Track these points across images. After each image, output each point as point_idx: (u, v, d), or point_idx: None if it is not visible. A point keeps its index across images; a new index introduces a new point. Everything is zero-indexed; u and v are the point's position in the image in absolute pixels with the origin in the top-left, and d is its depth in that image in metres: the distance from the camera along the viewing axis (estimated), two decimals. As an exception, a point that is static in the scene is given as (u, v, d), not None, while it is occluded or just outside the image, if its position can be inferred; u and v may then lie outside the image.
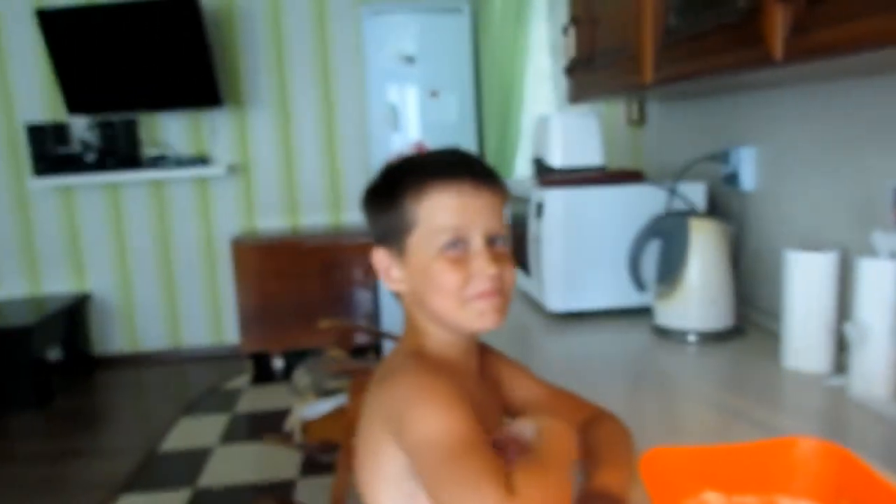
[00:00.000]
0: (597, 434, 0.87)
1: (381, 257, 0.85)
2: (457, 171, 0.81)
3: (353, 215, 4.47)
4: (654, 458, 0.76)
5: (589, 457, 0.82)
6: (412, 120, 3.78)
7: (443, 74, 3.76)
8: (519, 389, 0.93)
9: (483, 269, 0.79)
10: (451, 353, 0.85)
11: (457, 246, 0.80)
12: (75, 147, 4.21)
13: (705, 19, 1.14)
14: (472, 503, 0.65)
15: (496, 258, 0.81)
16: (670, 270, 1.50)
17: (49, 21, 3.88)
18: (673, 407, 1.21)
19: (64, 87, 4.03)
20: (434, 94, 3.74)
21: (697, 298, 1.47)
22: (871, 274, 1.11)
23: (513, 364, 0.96)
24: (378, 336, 3.74)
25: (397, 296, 0.87)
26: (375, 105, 3.81)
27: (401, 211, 0.81)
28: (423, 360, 0.81)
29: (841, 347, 1.23)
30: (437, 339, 0.84)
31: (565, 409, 0.93)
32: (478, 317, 0.81)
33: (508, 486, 0.66)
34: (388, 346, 3.84)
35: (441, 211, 0.80)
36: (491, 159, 3.59)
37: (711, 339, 1.47)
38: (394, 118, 3.77)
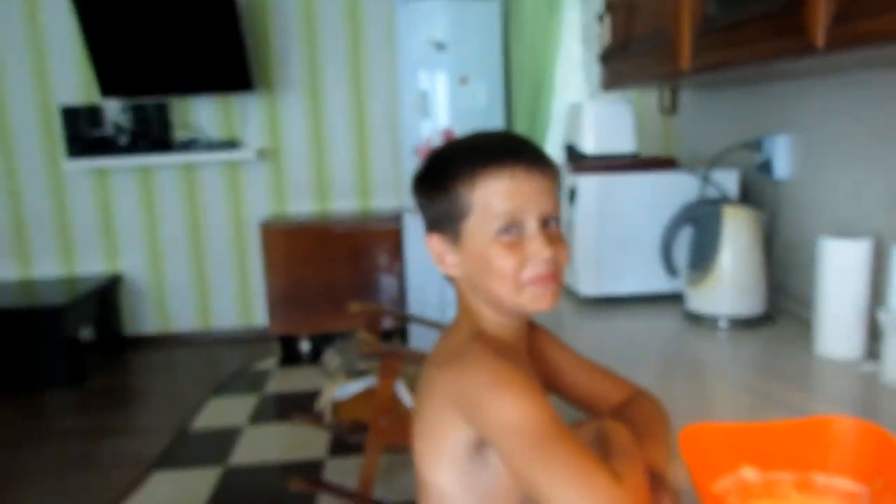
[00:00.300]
0: (636, 411, 0.90)
1: (435, 244, 0.86)
2: (509, 156, 0.81)
3: (382, 201, 4.51)
4: (694, 434, 0.79)
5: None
6: (442, 106, 3.79)
7: (473, 61, 3.76)
8: (563, 366, 0.96)
9: (538, 253, 0.80)
10: (507, 334, 0.87)
11: (511, 230, 0.81)
12: (109, 130, 4.29)
13: (745, 8, 1.15)
14: (583, 488, 0.69)
15: (550, 240, 0.81)
16: (703, 257, 1.52)
17: (85, 4, 3.94)
18: (705, 390, 1.23)
19: (98, 70, 4.09)
20: (464, 80, 3.75)
21: (729, 285, 1.48)
22: (906, 262, 1.12)
23: (558, 341, 0.98)
24: (405, 320, 3.78)
25: (451, 280, 0.89)
26: (406, 91, 3.83)
27: (454, 197, 0.82)
28: (489, 344, 0.82)
29: (874, 335, 1.24)
30: (493, 320, 0.86)
31: (606, 387, 0.96)
32: (533, 300, 0.82)
33: (613, 472, 0.70)
34: (415, 332, 3.88)
35: (494, 196, 0.80)
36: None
37: (743, 325, 1.49)
38: (424, 104, 3.78)
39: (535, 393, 0.74)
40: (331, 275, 4.17)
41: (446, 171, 0.84)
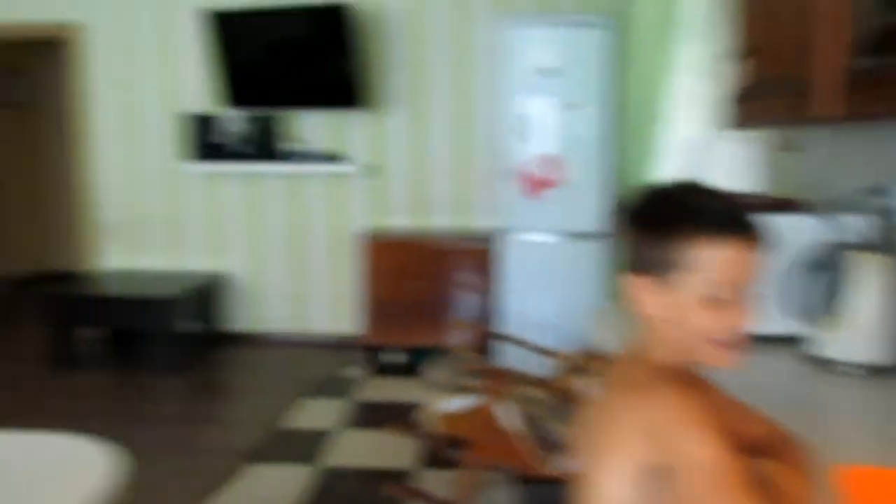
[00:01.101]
0: (782, 451, 0.94)
1: (638, 285, 0.91)
2: (738, 229, 0.87)
3: (478, 220, 4.57)
4: (858, 476, 0.81)
5: None
6: (549, 132, 3.83)
7: (582, 88, 3.78)
8: (713, 402, 1.00)
9: (736, 322, 0.87)
10: (681, 373, 0.92)
11: (719, 296, 0.86)
12: (224, 138, 4.59)
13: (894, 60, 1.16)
14: None
15: (747, 308, 0.88)
16: (831, 302, 1.51)
17: (226, 31, 4.31)
18: (841, 434, 1.23)
19: (224, 84, 4.42)
20: (573, 106, 3.78)
21: (860, 331, 1.48)
22: None
23: (708, 379, 1.02)
24: (497, 339, 3.79)
25: (639, 316, 0.94)
26: (508, 115, 3.89)
27: (675, 250, 0.87)
28: (678, 382, 0.88)
29: None
30: (668, 360, 0.92)
31: (750, 422, 0.99)
32: (716, 359, 0.89)
33: None
34: (509, 351, 3.88)
35: (716, 264, 0.86)
36: (630, 177, 3.61)
37: (874, 372, 1.47)
38: (522, 129, 3.83)
39: (720, 435, 0.80)
40: (423, 289, 4.25)
41: (673, 221, 0.88)
